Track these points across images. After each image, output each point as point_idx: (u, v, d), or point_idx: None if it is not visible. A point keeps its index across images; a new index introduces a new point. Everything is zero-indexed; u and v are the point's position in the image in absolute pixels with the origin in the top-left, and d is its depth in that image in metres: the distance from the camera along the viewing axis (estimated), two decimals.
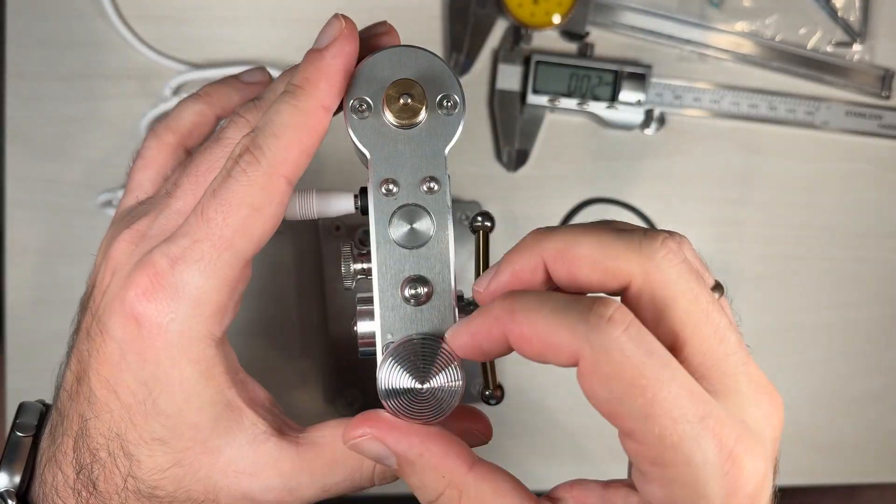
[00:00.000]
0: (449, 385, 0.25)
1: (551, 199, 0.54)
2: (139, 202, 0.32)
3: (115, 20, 0.51)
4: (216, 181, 0.26)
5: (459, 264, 0.50)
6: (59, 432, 0.29)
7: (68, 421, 0.28)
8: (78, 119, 0.52)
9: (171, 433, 0.26)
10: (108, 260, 0.28)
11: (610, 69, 0.52)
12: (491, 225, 0.29)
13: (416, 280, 0.26)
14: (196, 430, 0.27)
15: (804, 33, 0.55)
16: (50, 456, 0.29)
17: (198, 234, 0.26)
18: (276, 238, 0.52)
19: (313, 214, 0.31)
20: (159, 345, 0.26)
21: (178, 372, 0.26)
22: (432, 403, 0.25)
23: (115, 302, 0.27)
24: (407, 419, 0.25)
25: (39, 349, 0.52)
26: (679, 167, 0.55)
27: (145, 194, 0.32)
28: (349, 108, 0.27)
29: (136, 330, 0.26)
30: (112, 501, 0.27)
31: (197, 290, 0.26)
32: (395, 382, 0.25)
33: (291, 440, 0.28)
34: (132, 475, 0.27)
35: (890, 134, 0.55)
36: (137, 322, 0.26)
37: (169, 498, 0.27)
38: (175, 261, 0.26)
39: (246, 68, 0.51)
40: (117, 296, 0.26)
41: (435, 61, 0.27)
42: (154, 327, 0.26)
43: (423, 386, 0.25)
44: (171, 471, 0.27)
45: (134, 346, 0.26)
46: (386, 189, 0.27)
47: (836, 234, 0.56)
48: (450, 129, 0.27)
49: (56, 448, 0.29)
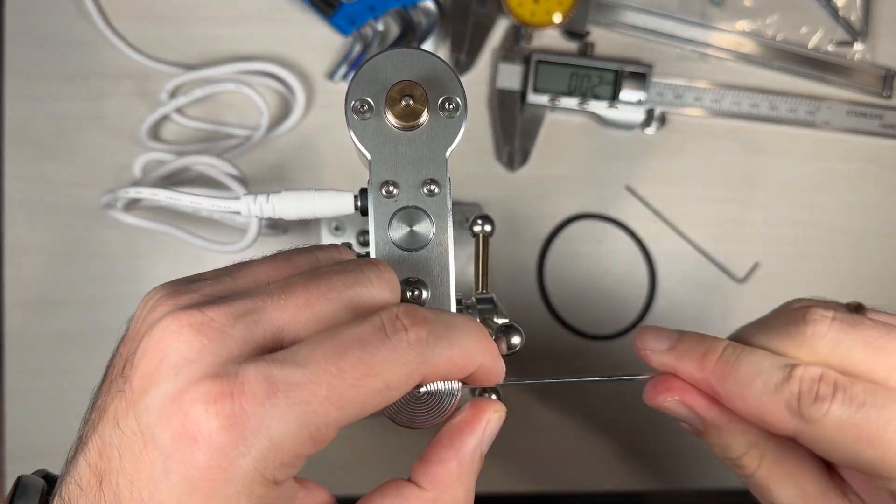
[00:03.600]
0: (447, 387, 0.25)
1: (551, 199, 0.54)
2: (208, 280, 0.25)
3: (103, 28, 0.51)
4: (364, 330, 0.22)
5: (459, 267, 0.50)
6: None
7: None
8: (77, 119, 0.52)
9: None
10: (159, 340, 0.22)
11: (611, 68, 0.52)
12: (491, 229, 0.29)
13: (415, 283, 0.26)
14: None
15: (805, 32, 0.55)
16: None
17: (317, 376, 0.21)
18: (277, 238, 0.52)
19: (313, 214, 0.31)
20: (216, 478, 0.21)
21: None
22: (431, 405, 0.25)
23: (170, 405, 0.21)
24: (406, 422, 0.25)
25: (39, 349, 0.52)
26: (680, 167, 0.55)
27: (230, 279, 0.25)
28: (350, 108, 0.27)
29: (190, 450, 0.21)
30: None
31: (283, 435, 0.21)
32: None
33: None
34: None
35: (891, 133, 0.55)
36: (195, 443, 0.21)
37: None
38: (274, 390, 0.21)
39: (245, 65, 0.51)
40: (176, 399, 0.21)
41: (437, 63, 0.27)
42: (216, 457, 0.20)
43: (421, 390, 0.25)
44: None
45: (183, 468, 0.21)
46: (386, 191, 0.27)
47: (837, 233, 0.56)
48: (451, 131, 0.27)
49: None
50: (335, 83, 0.53)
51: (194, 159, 0.49)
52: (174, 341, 0.22)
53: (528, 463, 0.54)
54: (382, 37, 0.52)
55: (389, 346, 0.22)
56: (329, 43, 0.53)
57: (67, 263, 0.52)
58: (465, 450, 0.25)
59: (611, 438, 0.55)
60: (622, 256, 0.55)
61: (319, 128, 0.53)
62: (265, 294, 0.23)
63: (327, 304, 0.23)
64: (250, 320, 0.22)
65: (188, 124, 0.52)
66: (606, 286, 0.55)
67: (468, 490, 0.25)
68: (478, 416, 0.25)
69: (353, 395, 0.21)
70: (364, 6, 0.51)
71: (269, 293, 0.23)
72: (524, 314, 0.54)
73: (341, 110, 0.54)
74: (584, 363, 0.54)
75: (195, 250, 0.52)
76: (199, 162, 0.49)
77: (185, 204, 0.39)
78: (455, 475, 0.25)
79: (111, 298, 0.53)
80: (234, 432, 0.20)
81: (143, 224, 0.49)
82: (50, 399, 0.52)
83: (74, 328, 0.52)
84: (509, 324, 0.27)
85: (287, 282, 0.23)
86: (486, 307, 0.28)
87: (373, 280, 0.24)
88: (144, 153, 0.51)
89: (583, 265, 0.55)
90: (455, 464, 0.25)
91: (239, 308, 0.22)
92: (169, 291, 0.24)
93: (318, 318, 0.23)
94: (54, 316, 0.52)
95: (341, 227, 0.51)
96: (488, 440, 0.26)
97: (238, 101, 0.53)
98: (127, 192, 0.45)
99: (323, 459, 0.56)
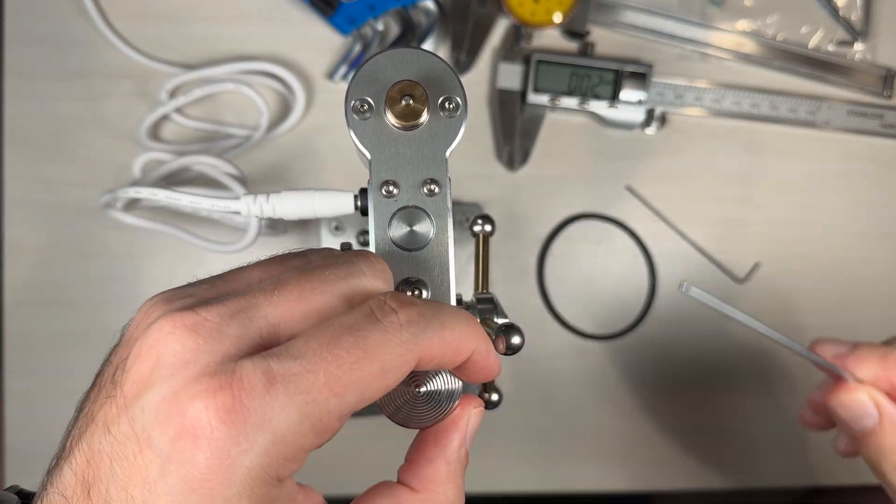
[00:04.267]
0: (447, 387, 0.25)
1: (551, 199, 0.54)
2: (203, 285, 0.25)
3: (103, 28, 0.51)
4: (355, 317, 0.22)
5: (459, 267, 0.50)
6: None
7: None
8: (77, 119, 0.52)
9: None
10: (154, 342, 0.22)
11: (611, 68, 0.52)
12: (491, 228, 0.29)
13: (415, 283, 0.26)
14: None
15: (805, 32, 0.55)
16: None
17: (314, 364, 0.21)
18: (277, 238, 0.52)
19: (313, 214, 0.31)
20: (217, 478, 0.20)
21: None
22: (431, 406, 0.25)
23: (167, 405, 0.21)
24: (404, 420, 0.25)
25: (39, 349, 0.52)
26: (680, 166, 0.55)
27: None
28: (350, 108, 0.27)
29: (190, 450, 0.20)
30: None
31: (285, 427, 0.20)
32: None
33: None
34: None
35: (891, 133, 0.55)
36: (195, 442, 0.20)
37: None
38: (273, 383, 0.21)
39: (245, 64, 0.51)
40: (173, 400, 0.21)
41: (437, 63, 0.27)
42: (217, 456, 0.20)
43: (421, 390, 0.25)
44: None
45: (182, 469, 0.20)
46: (386, 190, 0.27)
47: (837, 233, 0.56)
48: (451, 131, 0.27)
49: None
50: (335, 83, 0.53)
51: (194, 159, 0.49)
52: (169, 343, 0.21)
53: (529, 463, 0.54)
54: (382, 36, 0.52)
55: (381, 328, 0.22)
56: (329, 43, 0.53)
57: (67, 263, 0.52)
58: (450, 448, 0.25)
59: (614, 438, 0.55)
60: (622, 256, 0.54)
61: (319, 128, 0.53)
62: (258, 291, 0.23)
63: (321, 297, 0.23)
64: (244, 318, 0.22)
65: (188, 124, 0.52)
66: (607, 286, 0.55)
67: (458, 487, 0.25)
68: (459, 414, 0.26)
69: (350, 380, 0.21)
70: (364, 6, 0.51)
71: (262, 290, 0.23)
72: (524, 314, 0.54)
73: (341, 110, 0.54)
74: (585, 364, 0.54)
75: (195, 251, 0.52)
76: (198, 162, 0.49)
77: (185, 204, 0.39)
78: (444, 474, 0.25)
79: (111, 298, 0.53)
80: (235, 427, 0.20)
81: (143, 224, 0.49)
82: (49, 399, 0.52)
83: (74, 328, 0.52)
84: (510, 323, 0.26)
85: (279, 278, 0.23)
86: (486, 307, 0.28)
87: (364, 271, 0.24)
88: (144, 153, 0.50)
89: (583, 265, 0.55)
90: (443, 462, 0.25)
91: (232, 307, 0.22)
92: (163, 298, 0.24)
93: (313, 312, 0.23)
94: (54, 316, 0.52)
95: (341, 226, 0.51)
96: (471, 436, 0.26)
97: (238, 102, 0.53)
98: (126, 192, 0.45)
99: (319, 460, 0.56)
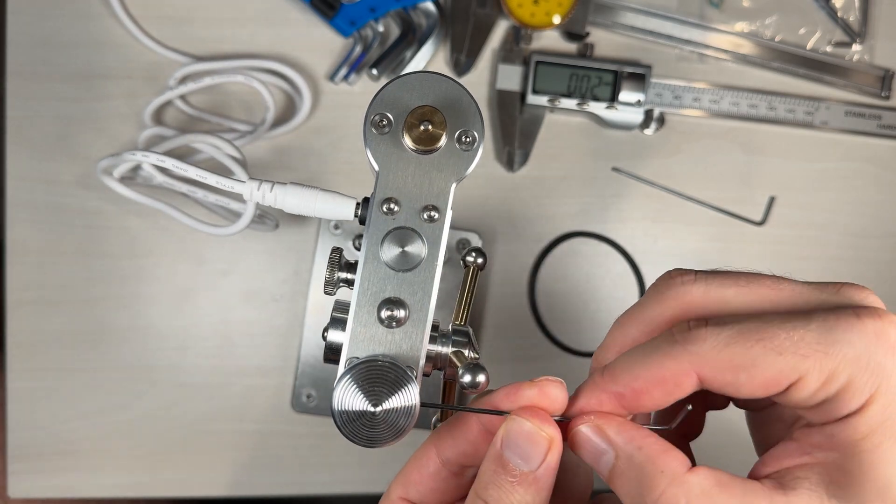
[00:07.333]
0: (404, 405, 0.25)
1: (551, 199, 0.54)
2: None
3: (122, 16, 0.51)
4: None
5: (445, 291, 0.49)
6: None
7: None
8: (78, 119, 0.52)
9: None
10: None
11: (610, 69, 0.52)
12: (483, 262, 0.29)
13: (395, 302, 0.26)
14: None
15: (804, 33, 0.55)
16: None
17: None
18: (264, 235, 0.53)
19: (312, 213, 0.31)
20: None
21: None
22: (387, 425, 0.25)
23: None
24: (358, 440, 0.25)
25: (39, 349, 0.52)
26: (679, 167, 0.55)
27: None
28: (370, 121, 0.27)
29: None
30: None
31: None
32: (349, 403, 0.25)
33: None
34: None
35: (889, 134, 0.55)
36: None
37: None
38: None
39: (252, 62, 0.51)
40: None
41: (464, 95, 0.27)
42: None
43: (377, 409, 0.25)
44: None
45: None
46: (387, 208, 0.27)
47: (837, 233, 0.56)
48: (463, 163, 0.27)
49: None
50: (336, 84, 0.53)
51: (198, 137, 0.48)
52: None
53: None
54: (383, 38, 0.53)
55: None
56: (330, 44, 0.53)
57: (67, 263, 0.52)
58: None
59: None
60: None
61: (319, 128, 0.53)
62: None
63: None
64: None
65: (192, 114, 0.52)
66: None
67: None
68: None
69: None
70: (364, 7, 0.51)
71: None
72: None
73: (341, 111, 0.54)
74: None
75: (195, 251, 0.52)
76: (202, 140, 0.48)
77: (191, 176, 0.38)
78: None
79: (111, 298, 0.53)
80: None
81: (135, 197, 0.48)
82: (51, 398, 0.52)
83: (74, 328, 0.53)
84: (477, 363, 0.26)
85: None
86: (460, 339, 0.28)
87: None
88: (149, 129, 0.50)
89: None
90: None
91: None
92: None
93: None
94: (55, 316, 0.53)
95: (340, 226, 0.51)
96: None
97: (243, 98, 0.53)
98: (134, 155, 0.43)
99: (322, 459, 0.56)
